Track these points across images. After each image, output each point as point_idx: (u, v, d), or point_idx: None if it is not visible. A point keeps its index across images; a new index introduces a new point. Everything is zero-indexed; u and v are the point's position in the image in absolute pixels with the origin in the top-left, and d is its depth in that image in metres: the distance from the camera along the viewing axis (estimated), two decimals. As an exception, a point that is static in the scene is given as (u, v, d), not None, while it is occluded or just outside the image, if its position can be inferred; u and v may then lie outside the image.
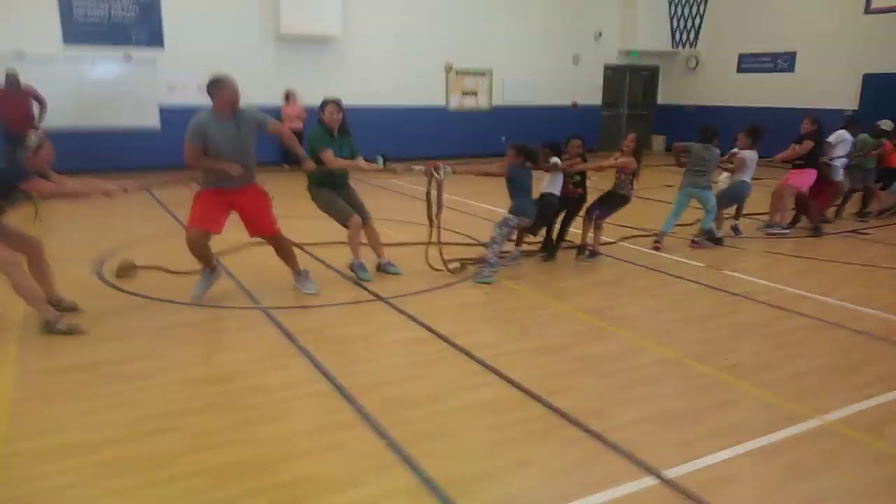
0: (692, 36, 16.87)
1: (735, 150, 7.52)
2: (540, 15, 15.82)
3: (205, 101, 4.90)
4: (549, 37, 16.02)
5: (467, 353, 4.26)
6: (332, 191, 5.77)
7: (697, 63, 17.05)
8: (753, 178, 7.65)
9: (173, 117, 12.37)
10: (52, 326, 4.40)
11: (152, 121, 12.55)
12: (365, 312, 5.17)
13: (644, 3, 16.59)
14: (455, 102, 15.39)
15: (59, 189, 4.70)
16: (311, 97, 13.10)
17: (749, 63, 15.82)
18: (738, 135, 7.52)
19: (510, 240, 6.28)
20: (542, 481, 2.90)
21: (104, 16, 12.02)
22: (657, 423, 3.41)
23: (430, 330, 4.67)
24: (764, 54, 15.43)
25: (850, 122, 8.83)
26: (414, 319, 4.89)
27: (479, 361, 4.14)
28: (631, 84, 17.95)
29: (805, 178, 7.80)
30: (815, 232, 7.93)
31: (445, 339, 4.49)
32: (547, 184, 6.49)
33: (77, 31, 11.87)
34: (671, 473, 2.92)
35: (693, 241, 7.29)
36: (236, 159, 4.91)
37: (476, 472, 2.95)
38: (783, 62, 15.03)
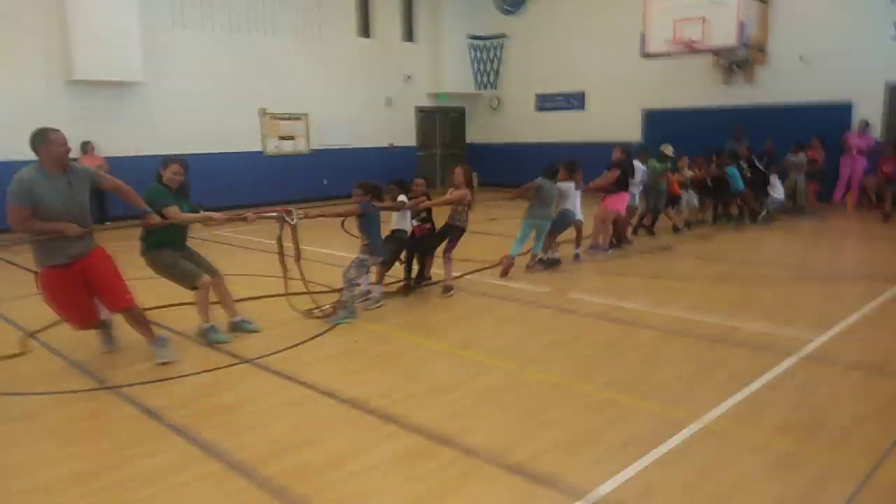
0: (492, 78, 18.17)
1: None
2: (352, 59, 16.03)
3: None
4: (362, 81, 16.26)
5: (359, 406, 4.08)
6: (172, 251, 5.29)
7: (499, 103, 18.32)
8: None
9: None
10: None
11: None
12: (232, 377, 4.74)
13: (448, 48, 17.57)
14: (272, 147, 14.96)
15: None
16: (113, 147, 12.05)
17: (545, 102, 17.35)
18: (558, 168, 8.13)
19: (371, 282, 6.21)
20: (482, 526, 2.84)
21: None
22: (567, 447, 3.52)
23: (310, 387, 4.42)
24: (558, 94, 17.02)
25: (639, 151, 10.08)
26: (289, 378, 4.60)
27: (375, 412, 3.99)
28: (441, 125, 18.80)
29: (620, 202, 8.66)
30: (623, 248, 8.86)
31: (330, 395, 4.27)
32: (395, 221, 6.59)
33: None
34: (597, 494, 3.02)
35: (528, 266, 7.71)
36: (71, 219, 4.32)
37: (413, 529, 2.82)
38: (575, 101, 16.70)
